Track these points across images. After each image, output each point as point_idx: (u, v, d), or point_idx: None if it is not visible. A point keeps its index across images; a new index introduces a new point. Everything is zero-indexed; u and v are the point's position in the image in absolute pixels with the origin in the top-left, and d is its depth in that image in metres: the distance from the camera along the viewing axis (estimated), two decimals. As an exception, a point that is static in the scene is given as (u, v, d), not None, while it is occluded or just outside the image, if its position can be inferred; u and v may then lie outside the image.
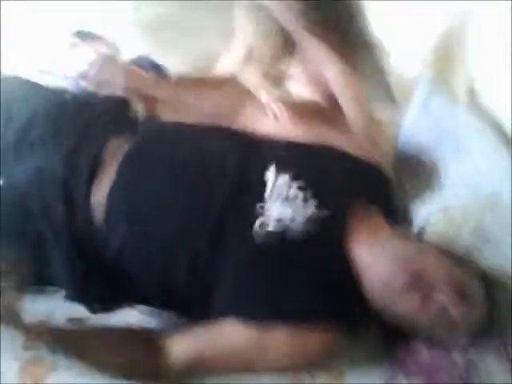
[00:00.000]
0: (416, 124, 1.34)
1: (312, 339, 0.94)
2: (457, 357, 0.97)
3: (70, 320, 1.05)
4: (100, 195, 1.02)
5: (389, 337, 1.06)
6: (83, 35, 1.34)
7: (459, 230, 1.06)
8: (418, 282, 0.91)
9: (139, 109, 1.28)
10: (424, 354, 0.99)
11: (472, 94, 1.34)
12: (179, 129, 1.18)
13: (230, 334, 0.95)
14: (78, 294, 1.02)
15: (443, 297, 0.90)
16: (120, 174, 1.02)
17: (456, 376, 0.95)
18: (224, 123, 1.18)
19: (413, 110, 1.35)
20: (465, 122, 1.25)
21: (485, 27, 1.30)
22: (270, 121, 1.16)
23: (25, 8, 1.34)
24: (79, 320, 1.05)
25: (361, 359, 1.04)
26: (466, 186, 1.15)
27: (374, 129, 1.41)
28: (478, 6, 1.31)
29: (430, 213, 1.14)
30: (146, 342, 0.98)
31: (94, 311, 1.03)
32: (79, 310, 1.05)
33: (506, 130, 1.21)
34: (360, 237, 0.99)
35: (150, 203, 1.00)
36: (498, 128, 1.23)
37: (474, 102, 1.32)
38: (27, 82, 1.23)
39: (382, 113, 1.48)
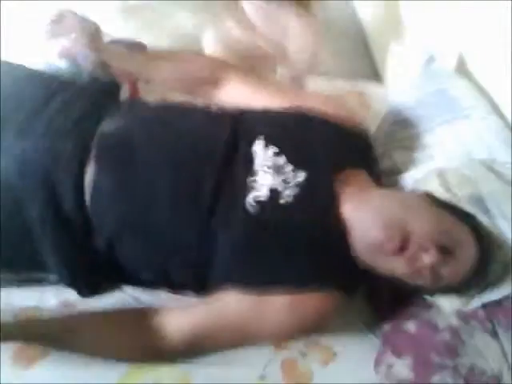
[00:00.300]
0: (414, 88, 1.35)
1: (311, 302, 0.94)
2: (445, 334, 0.98)
3: (61, 304, 1.04)
4: (89, 180, 0.99)
5: (379, 315, 1.08)
6: (65, 16, 1.31)
7: (456, 196, 1.06)
8: (405, 242, 0.92)
9: (124, 91, 1.27)
10: (412, 332, 1.00)
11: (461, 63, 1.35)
12: (164, 109, 1.17)
13: (228, 305, 0.95)
14: (69, 280, 1.01)
15: (429, 256, 0.91)
16: (102, 158, 1.00)
17: (444, 353, 0.96)
18: (203, 92, 1.18)
19: (412, 75, 1.37)
20: (463, 86, 1.26)
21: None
22: (252, 93, 1.16)
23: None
24: (71, 305, 1.04)
25: (352, 339, 1.05)
26: (462, 150, 1.16)
27: (359, 103, 1.43)
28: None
29: (425, 175, 1.13)
30: (141, 321, 0.97)
31: (84, 295, 1.02)
32: (70, 296, 1.04)
33: (494, 99, 1.23)
34: (348, 199, 1.00)
35: (137, 185, 0.99)
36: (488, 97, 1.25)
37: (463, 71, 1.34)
38: (15, 66, 1.20)
39: (368, 89, 1.49)
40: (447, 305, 1.02)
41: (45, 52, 1.15)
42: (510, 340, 0.97)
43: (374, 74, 1.79)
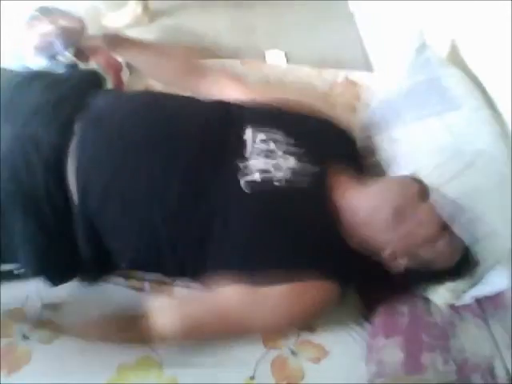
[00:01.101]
0: (405, 77, 1.31)
1: (309, 290, 0.94)
2: (436, 316, 0.98)
3: (45, 306, 1.02)
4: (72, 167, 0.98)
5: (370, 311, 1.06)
6: (46, 11, 1.29)
7: (445, 186, 1.02)
8: (400, 218, 0.94)
9: (107, 81, 1.27)
10: (405, 313, 1.00)
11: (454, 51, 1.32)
12: (152, 95, 1.17)
13: (227, 295, 0.93)
14: (39, 266, 0.99)
15: (425, 231, 0.94)
16: (87, 142, 0.99)
17: (435, 334, 0.95)
18: (189, 82, 1.19)
19: (403, 64, 1.34)
20: (455, 75, 1.23)
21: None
22: (237, 84, 1.18)
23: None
24: (54, 305, 1.02)
25: (343, 337, 1.03)
26: (453, 141, 1.14)
27: (350, 93, 1.41)
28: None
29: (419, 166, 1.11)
30: (135, 320, 0.94)
31: (54, 283, 1.00)
32: (54, 295, 1.02)
33: (487, 88, 1.20)
34: (341, 187, 1.02)
35: (127, 167, 0.98)
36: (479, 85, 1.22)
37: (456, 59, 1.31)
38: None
39: (359, 78, 1.47)
40: (440, 299, 1.01)
41: (20, 51, 1.15)
42: (501, 331, 0.96)
43: (366, 62, 1.77)
